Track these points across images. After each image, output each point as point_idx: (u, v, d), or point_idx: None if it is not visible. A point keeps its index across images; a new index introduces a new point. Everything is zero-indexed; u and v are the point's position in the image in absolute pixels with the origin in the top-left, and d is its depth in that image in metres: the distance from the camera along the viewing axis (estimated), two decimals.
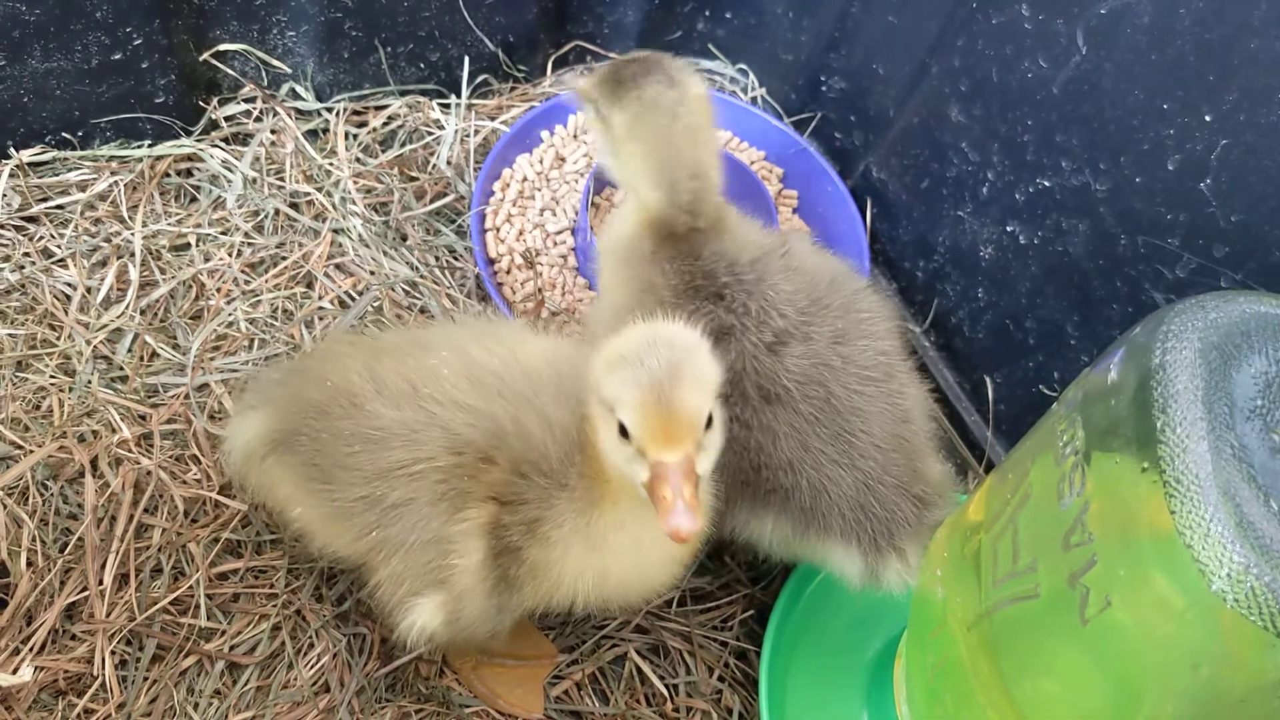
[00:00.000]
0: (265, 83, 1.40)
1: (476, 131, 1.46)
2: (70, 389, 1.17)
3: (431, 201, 1.39)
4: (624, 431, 0.73)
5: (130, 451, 1.13)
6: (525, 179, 1.42)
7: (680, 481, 0.71)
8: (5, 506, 1.06)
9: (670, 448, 0.72)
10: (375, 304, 1.27)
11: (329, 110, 1.44)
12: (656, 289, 1.00)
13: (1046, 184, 1.16)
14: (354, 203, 1.35)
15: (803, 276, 1.00)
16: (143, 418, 1.16)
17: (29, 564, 1.05)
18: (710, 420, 0.74)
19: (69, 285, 1.25)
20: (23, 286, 1.24)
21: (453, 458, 0.83)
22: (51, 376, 1.18)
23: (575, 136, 1.48)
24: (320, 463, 0.87)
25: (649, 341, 0.74)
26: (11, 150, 1.30)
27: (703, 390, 0.73)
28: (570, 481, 0.82)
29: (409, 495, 0.83)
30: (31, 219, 1.29)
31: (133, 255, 1.28)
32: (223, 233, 1.32)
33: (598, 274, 1.11)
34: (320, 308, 1.27)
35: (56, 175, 1.32)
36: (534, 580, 0.85)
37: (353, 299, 1.28)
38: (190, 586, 1.07)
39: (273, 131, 1.39)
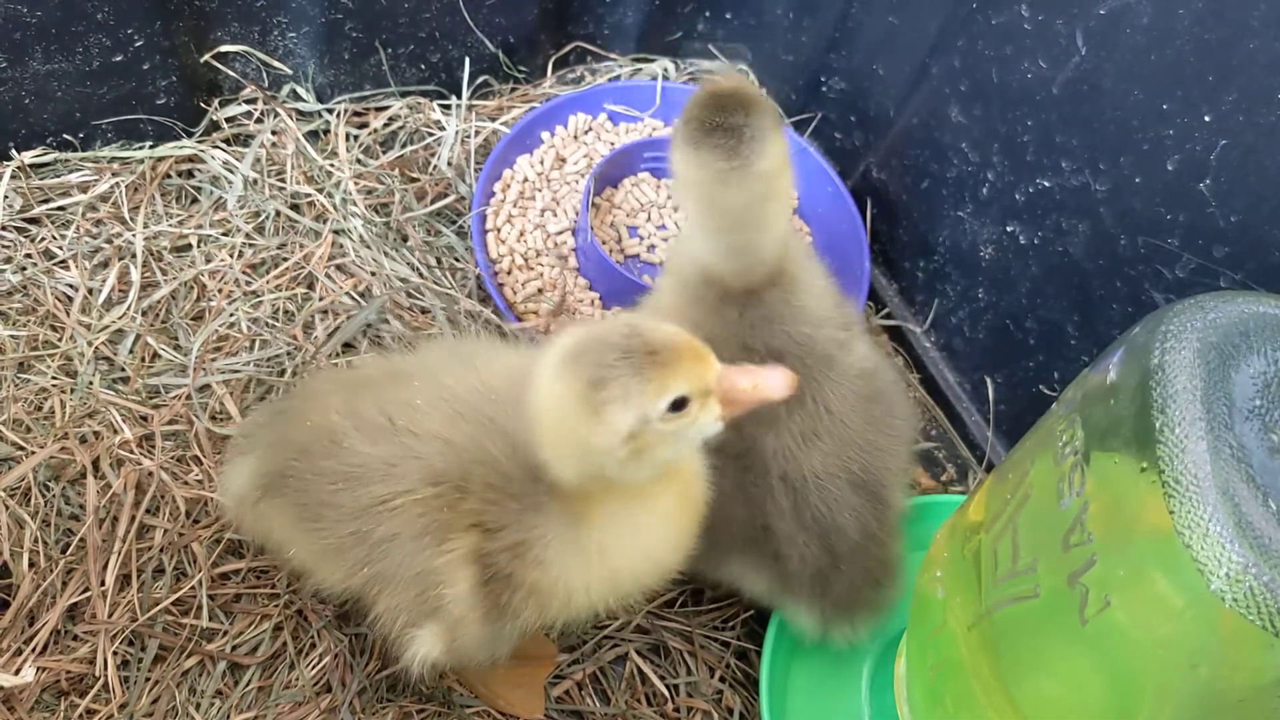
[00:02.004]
0: (266, 84, 1.40)
1: (477, 132, 1.46)
2: (72, 390, 1.17)
3: (432, 202, 1.39)
4: (679, 406, 0.72)
5: (132, 452, 1.13)
6: (526, 180, 1.43)
7: (743, 369, 0.75)
8: (7, 508, 1.07)
9: (712, 364, 0.74)
10: (377, 306, 1.27)
11: (330, 111, 1.44)
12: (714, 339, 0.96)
13: (1046, 184, 1.16)
14: (355, 204, 1.35)
15: (861, 381, 1.00)
16: (144, 418, 1.17)
17: (31, 565, 1.05)
18: None
19: (70, 286, 1.25)
20: (24, 288, 1.24)
21: (431, 489, 0.82)
22: (53, 378, 1.18)
23: (575, 137, 1.48)
24: (307, 502, 0.87)
25: (591, 339, 0.72)
26: (13, 152, 1.30)
27: None
28: (543, 502, 0.81)
29: (394, 530, 0.83)
30: (33, 220, 1.29)
31: (134, 256, 1.28)
32: (224, 234, 1.32)
33: (657, 289, 1.07)
34: (321, 309, 1.27)
35: (58, 177, 1.32)
36: (538, 602, 0.84)
37: (355, 299, 1.28)
38: (192, 587, 1.07)
39: (273, 133, 1.39)
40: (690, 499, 0.84)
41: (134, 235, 1.29)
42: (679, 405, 0.72)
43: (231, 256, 1.30)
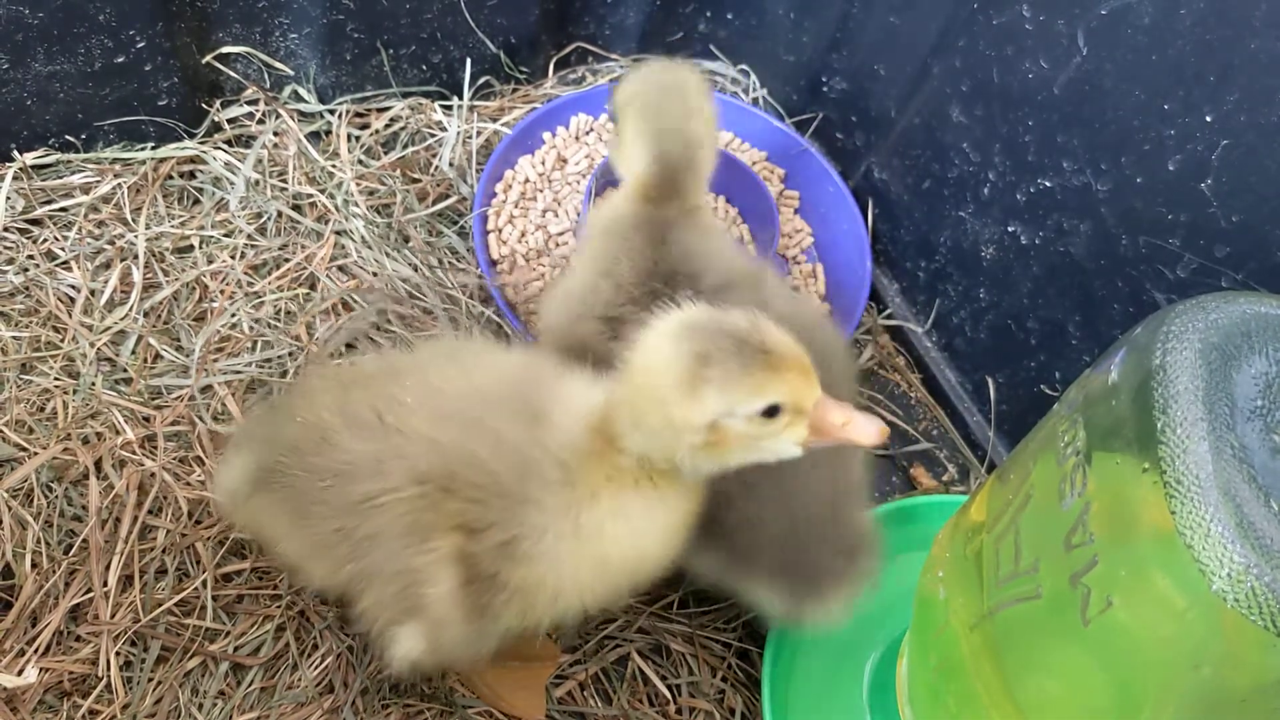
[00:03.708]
0: (268, 85, 1.41)
1: (478, 133, 1.46)
2: (74, 391, 1.17)
3: (434, 203, 1.39)
4: (771, 413, 0.71)
5: (134, 453, 1.13)
6: (527, 180, 1.43)
7: (840, 405, 0.73)
8: (10, 509, 1.07)
9: (816, 386, 0.73)
10: (379, 307, 1.27)
11: (331, 112, 1.44)
12: (619, 272, 1.03)
13: (1048, 184, 1.16)
14: (356, 204, 1.35)
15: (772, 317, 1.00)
16: (146, 419, 1.17)
17: (34, 566, 1.05)
18: None
19: (72, 288, 1.25)
20: (27, 289, 1.25)
21: (416, 488, 0.81)
22: (55, 379, 1.18)
23: (577, 138, 1.48)
24: (297, 499, 0.87)
25: (714, 316, 0.72)
26: (15, 153, 1.30)
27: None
28: (535, 496, 0.80)
29: (377, 527, 0.82)
30: (35, 222, 1.30)
31: (136, 257, 1.28)
32: (226, 235, 1.32)
33: (578, 252, 1.15)
34: (323, 309, 1.27)
35: (60, 178, 1.33)
36: (522, 601, 0.83)
37: (357, 303, 1.28)
38: (195, 588, 1.07)
39: (275, 134, 1.40)
40: (693, 499, 0.84)
41: (136, 236, 1.29)
42: (771, 413, 0.72)
43: (233, 257, 1.30)
